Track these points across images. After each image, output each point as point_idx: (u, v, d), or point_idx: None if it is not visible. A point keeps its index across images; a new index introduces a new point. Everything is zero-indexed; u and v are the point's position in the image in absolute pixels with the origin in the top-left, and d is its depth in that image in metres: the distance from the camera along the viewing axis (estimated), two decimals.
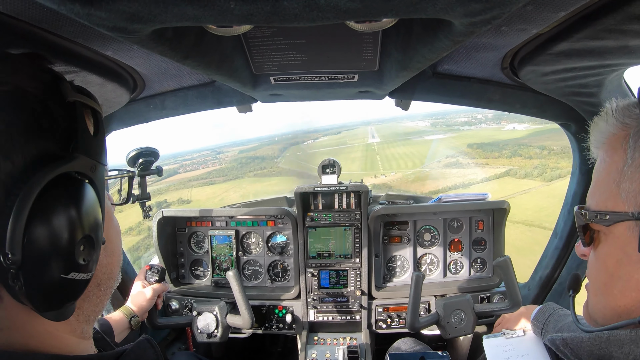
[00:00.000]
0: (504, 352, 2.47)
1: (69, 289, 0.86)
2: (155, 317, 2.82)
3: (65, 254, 0.83)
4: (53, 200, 0.80)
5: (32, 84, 0.83)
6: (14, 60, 0.86)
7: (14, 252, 0.74)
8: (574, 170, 2.76)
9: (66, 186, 0.84)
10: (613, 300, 1.10)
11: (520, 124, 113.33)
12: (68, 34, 1.31)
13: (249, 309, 2.82)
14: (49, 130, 0.83)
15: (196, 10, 0.87)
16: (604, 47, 1.43)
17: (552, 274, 3.12)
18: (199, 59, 1.43)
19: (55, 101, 0.87)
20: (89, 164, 0.91)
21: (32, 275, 0.77)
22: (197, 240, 3.55)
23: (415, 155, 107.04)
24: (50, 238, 0.79)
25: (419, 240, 3.44)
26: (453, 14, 0.93)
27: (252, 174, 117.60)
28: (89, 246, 0.88)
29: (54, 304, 0.85)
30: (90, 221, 0.88)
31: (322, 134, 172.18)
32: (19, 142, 0.77)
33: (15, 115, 0.78)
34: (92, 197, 0.90)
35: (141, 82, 2.10)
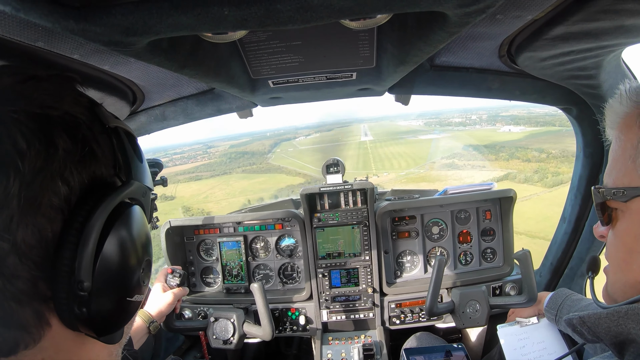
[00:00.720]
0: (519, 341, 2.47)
1: (128, 311, 0.90)
2: (172, 320, 2.82)
3: (131, 278, 0.87)
4: (117, 226, 0.82)
5: (78, 109, 0.84)
6: (56, 83, 0.85)
7: (85, 279, 0.75)
8: (577, 153, 2.75)
9: (126, 212, 0.86)
10: (632, 276, 1.10)
11: (515, 126, 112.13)
12: (65, 50, 1.31)
13: (270, 321, 2.80)
14: (100, 156, 0.85)
15: (190, 19, 0.87)
16: (600, 28, 1.43)
17: (563, 258, 3.12)
18: (196, 67, 1.43)
19: (99, 127, 0.88)
20: (141, 189, 0.95)
21: (100, 301, 0.79)
22: (206, 248, 3.56)
23: (409, 155, 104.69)
24: (119, 263, 0.82)
25: (428, 234, 3.44)
26: (447, 6, 0.93)
27: (241, 169, 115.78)
28: (147, 268, 0.93)
29: (113, 328, 0.87)
30: (146, 244, 0.92)
31: (315, 131, 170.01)
32: (76, 168, 0.78)
33: (70, 141, 0.77)
34: (145, 221, 0.94)
35: (140, 94, 2.11)
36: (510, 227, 3.31)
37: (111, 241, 0.80)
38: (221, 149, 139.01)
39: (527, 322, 2.52)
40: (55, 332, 0.78)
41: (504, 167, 77.91)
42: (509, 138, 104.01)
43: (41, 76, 0.83)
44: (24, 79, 0.80)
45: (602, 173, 2.56)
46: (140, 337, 2.44)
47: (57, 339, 0.79)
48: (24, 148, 0.70)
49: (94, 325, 0.80)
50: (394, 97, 2.58)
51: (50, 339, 0.78)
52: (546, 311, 2.41)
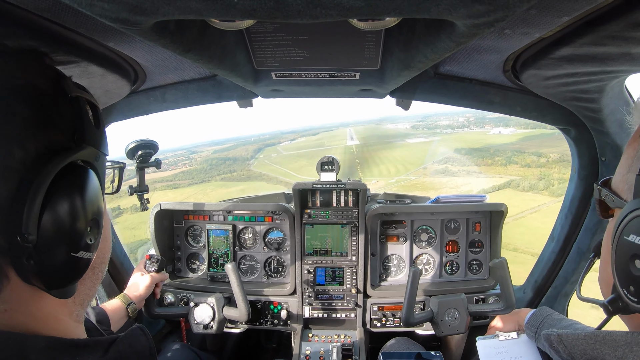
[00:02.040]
0: (497, 354, 2.47)
1: (76, 267, 0.93)
2: (153, 306, 2.84)
3: (76, 234, 0.90)
4: (65, 185, 0.87)
5: (41, 80, 0.90)
6: (23, 57, 0.92)
7: (31, 232, 0.80)
8: (572, 175, 2.76)
9: (75, 173, 0.91)
10: (606, 276, 1.15)
11: (505, 128, 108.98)
12: (70, 24, 1.31)
13: (246, 302, 2.82)
14: (57, 123, 0.90)
15: (199, 3, 0.87)
16: (606, 54, 1.43)
17: (548, 277, 3.13)
18: (200, 52, 1.42)
19: (61, 96, 0.94)
20: (94, 153, 1.00)
21: (45, 254, 0.84)
22: (194, 234, 3.55)
23: (399, 161, 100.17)
24: (63, 219, 0.87)
25: (416, 240, 3.45)
26: (456, 15, 0.93)
27: (220, 177, 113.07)
28: (95, 227, 0.97)
29: (62, 282, 0.91)
30: (96, 205, 0.96)
31: (300, 135, 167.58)
32: (32, 133, 0.83)
33: (28, 108, 0.83)
34: (97, 184, 0.98)
35: (142, 74, 2.10)
36: (499, 240, 3.32)
37: (57, 198, 0.85)
38: (204, 155, 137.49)
39: (506, 336, 2.52)
40: (13, 284, 0.83)
41: (502, 172, 74.22)
42: (502, 141, 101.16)
43: (9, 51, 0.92)
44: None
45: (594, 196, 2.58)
46: (119, 318, 2.46)
47: (17, 291, 0.84)
48: None
49: (42, 278, 0.84)
50: (395, 101, 2.58)
51: (10, 291, 0.83)
52: (526, 327, 2.42)
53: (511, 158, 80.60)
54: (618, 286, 1.02)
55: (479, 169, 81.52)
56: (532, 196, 53.59)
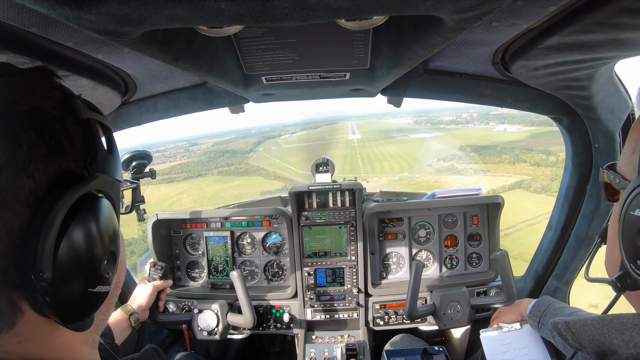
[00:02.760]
0: (501, 346, 2.48)
1: (93, 302, 0.91)
2: (156, 314, 2.84)
3: (93, 269, 0.87)
4: (79, 218, 0.82)
5: (48, 103, 0.84)
6: (29, 78, 0.86)
7: (45, 270, 0.76)
8: (566, 163, 2.77)
9: (89, 204, 0.86)
10: (613, 257, 1.17)
11: (511, 125, 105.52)
12: (58, 38, 1.30)
13: (251, 308, 2.83)
14: (68, 149, 0.85)
15: (186, 11, 0.87)
16: (594, 41, 1.43)
17: (548, 266, 3.14)
18: (190, 60, 1.42)
19: (71, 119, 0.88)
20: (108, 181, 0.95)
21: (61, 291, 0.80)
22: (193, 242, 3.54)
23: (401, 157, 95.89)
24: (79, 255, 0.83)
25: (414, 237, 3.45)
26: (443, 10, 0.93)
27: (217, 170, 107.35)
28: (112, 260, 0.93)
29: (79, 316, 0.88)
30: (112, 236, 0.92)
31: (301, 128, 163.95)
32: (41, 162, 0.79)
33: (36, 136, 0.78)
34: (112, 214, 0.94)
35: (132, 85, 2.10)
36: (497, 232, 3.33)
37: (72, 233, 0.81)
38: (204, 147, 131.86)
39: (509, 328, 2.53)
40: (28, 318, 0.81)
41: (511, 171, 69.39)
42: (508, 138, 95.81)
43: (15, 72, 0.84)
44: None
45: (590, 183, 2.58)
46: (122, 329, 2.45)
47: (31, 324, 0.82)
48: None
49: (58, 313, 0.82)
50: (387, 99, 2.58)
51: (24, 325, 0.81)
52: (529, 318, 2.43)
53: (519, 156, 76.85)
54: (626, 262, 1.03)
55: (486, 167, 77.98)
56: (546, 198, 47.82)
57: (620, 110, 2.16)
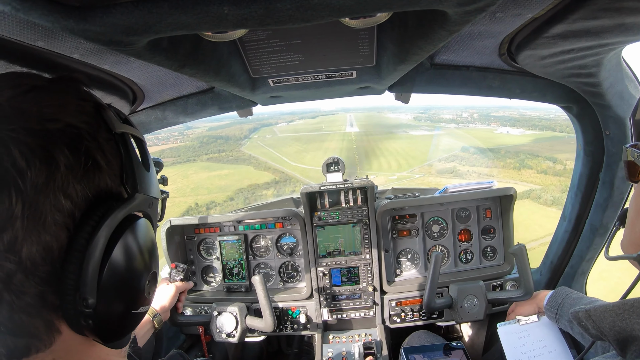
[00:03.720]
0: (519, 339, 2.47)
1: (135, 321, 0.91)
2: (176, 315, 2.85)
3: (136, 292, 0.87)
4: (122, 242, 0.82)
5: (81, 118, 0.82)
6: (58, 91, 0.83)
7: (89, 296, 0.76)
8: (578, 151, 2.75)
9: (131, 227, 0.85)
10: (634, 236, 1.19)
11: (513, 128, 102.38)
12: (64, 50, 1.31)
13: (272, 313, 2.84)
14: (105, 168, 0.84)
15: (190, 18, 0.87)
16: (600, 27, 1.42)
17: (563, 257, 3.12)
18: (196, 66, 1.43)
19: (104, 134, 0.87)
20: (147, 201, 0.94)
21: (105, 315, 0.80)
22: (207, 247, 3.56)
23: (400, 154, 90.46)
24: (124, 280, 0.83)
25: (428, 232, 3.44)
26: (447, 4, 0.93)
27: (206, 157, 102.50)
28: (153, 279, 0.93)
29: (119, 336, 0.89)
30: (153, 256, 0.93)
31: (298, 117, 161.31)
32: (79, 183, 0.77)
33: (72, 155, 0.76)
34: (152, 233, 0.94)
35: (140, 94, 2.11)
36: (511, 225, 3.31)
37: (115, 257, 0.80)
38: (198, 132, 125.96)
39: (527, 320, 2.52)
40: (65, 337, 0.80)
41: (517, 178, 64.73)
42: (511, 141, 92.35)
43: (42, 85, 0.81)
44: (25, 90, 0.78)
45: (602, 171, 2.56)
46: (145, 331, 2.47)
47: (68, 342, 0.81)
48: (24, 167, 0.69)
49: (100, 335, 0.81)
50: (394, 96, 2.58)
51: (60, 343, 0.80)
52: (546, 309, 2.41)
53: (524, 161, 72.56)
54: None
55: (490, 171, 74.79)
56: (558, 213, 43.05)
57: (630, 95, 2.14)
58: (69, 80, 0.88)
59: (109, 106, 0.93)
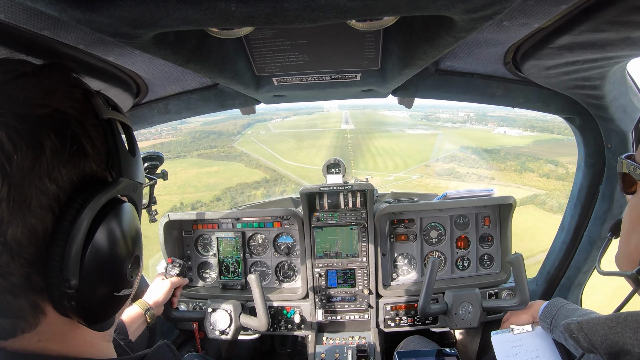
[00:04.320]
0: (512, 348, 2.47)
1: (118, 304, 0.93)
2: (170, 310, 2.86)
3: (118, 274, 0.88)
4: (104, 225, 0.83)
5: (69, 104, 0.83)
6: (46, 77, 0.85)
7: (72, 277, 0.78)
8: (579, 163, 2.75)
9: (114, 210, 0.87)
10: (629, 251, 1.17)
11: (511, 129, 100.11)
12: (70, 40, 1.31)
13: (266, 312, 2.84)
14: (91, 152, 0.85)
15: (197, 13, 0.87)
16: (606, 40, 1.42)
17: (560, 268, 3.12)
18: (201, 62, 1.43)
19: (92, 120, 0.88)
20: (132, 185, 0.96)
21: (87, 296, 0.82)
22: (204, 243, 3.56)
23: (397, 153, 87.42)
24: (105, 261, 0.84)
25: (426, 238, 3.44)
26: (454, 11, 0.93)
27: (197, 153, 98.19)
28: (136, 263, 0.95)
29: (102, 318, 0.90)
30: (136, 240, 0.94)
31: (294, 113, 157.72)
32: (65, 167, 0.79)
33: (58, 140, 0.78)
34: (136, 217, 0.95)
35: (144, 87, 2.11)
36: (509, 234, 3.31)
37: (98, 240, 0.82)
38: (192, 126, 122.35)
39: (521, 330, 2.52)
40: (50, 318, 0.82)
41: (519, 181, 61.95)
42: (510, 142, 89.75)
43: (32, 72, 0.83)
44: (15, 76, 0.80)
45: (602, 184, 2.56)
46: (138, 325, 2.47)
47: (53, 324, 0.83)
48: (11, 151, 0.71)
49: (83, 316, 0.83)
50: (398, 100, 2.58)
51: (46, 325, 0.82)
52: (541, 319, 2.41)
53: (525, 164, 69.91)
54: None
55: (490, 174, 70.96)
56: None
57: (633, 109, 2.14)
58: (59, 67, 0.90)
59: (97, 93, 0.94)
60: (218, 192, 67.09)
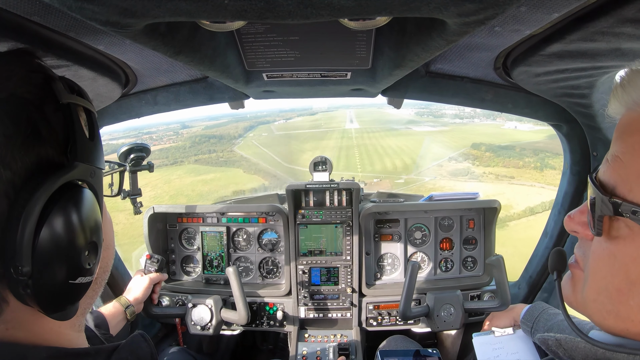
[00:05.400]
0: (493, 350, 2.48)
1: (75, 293, 0.90)
2: (150, 307, 2.86)
3: (73, 262, 0.86)
4: (57, 210, 0.81)
5: (26, 89, 0.82)
6: (6, 62, 0.84)
7: (24, 263, 0.76)
8: (564, 170, 2.78)
9: (68, 195, 0.85)
10: (625, 311, 0.89)
11: (521, 123, 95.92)
12: (60, 27, 1.30)
13: (245, 305, 2.84)
14: (47, 137, 0.83)
15: (190, 5, 0.86)
16: (596, 49, 1.44)
17: (542, 272, 3.15)
18: (191, 54, 1.42)
19: (50, 105, 0.86)
20: (88, 170, 0.93)
21: (41, 283, 0.80)
22: (188, 237, 3.54)
23: (405, 153, 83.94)
24: (58, 247, 0.82)
25: (410, 239, 3.45)
26: (447, 14, 0.93)
27: (195, 159, 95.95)
28: (93, 251, 0.92)
29: (60, 307, 0.88)
30: (93, 227, 0.91)
31: (297, 114, 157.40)
32: (18, 152, 0.77)
33: (12, 125, 0.77)
34: (93, 203, 0.92)
35: (133, 77, 2.09)
36: (493, 237, 3.33)
37: (50, 225, 0.80)
38: (194, 130, 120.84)
39: (502, 332, 2.53)
40: (13, 307, 0.82)
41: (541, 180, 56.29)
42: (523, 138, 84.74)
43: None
44: None
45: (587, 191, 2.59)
46: (118, 321, 2.47)
47: (17, 312, 0.83)
48: None
49: (40, 305, 0.82)
50: (387, 100, 2.59)
51: (10, 313, 0.82)
52: (522, 323, 2.43)
53: (545, 160, 64.42)
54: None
55: (508, 172, 64.80)
56: None
57: None
58: (20, 52, 0.90)
59: (61, 78, 0.92)
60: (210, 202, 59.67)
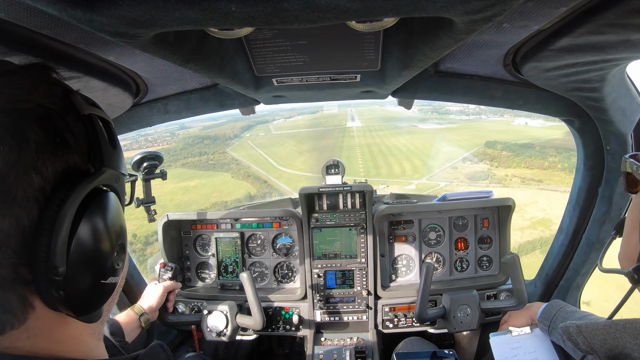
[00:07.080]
0: (510, 350, 2.46)
1: (104, 293, 0.95)
2: (165, 315, 2.87)
3: (105, 261, 0.90)
4: (90, 212, 0.85)
5: (51, 100, 0.85)
6: (29, 75, 0.87)
7: (60, 264, 0.79)
8: (578, 165, 2.75)
9: (98, 199, 0.89)
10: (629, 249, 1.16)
11: (533, 120, 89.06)
12: (70, 39, 1.32)
13: (260, 310, 2.84)
14: (73, 145, 0.87)
15: (197, 13, 0.87)
16: (606, 42, 1.42)
17: (559, 270, 3.12)
18: (200, 62, 1.43)
19: (73, 115, 0.90)
20: (114, 176, 0.97)
21: (75, 284, 0.83)
22: (203, 243, 3.56)
23: (413, 153, 76.42)
24: (92, 248, 0.86)
25: (425, 239, 3.44)
26: (454, 12, 0.93)
27: (182, 162, 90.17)
28: (121, 251, 0.97)
29: (91, 308, 0.91)
30: (120, 228, 0.96)
31: (297, 113, 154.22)
32: (49, 159, 0.80)
33: (42, 133, 0.79)
34: (119, 206, 0.98)
35: (144, 87, 2.11)
36: (508, 236, 3.31)
37: (83, 227, 0.83)
38: (191, 131, 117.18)
39: (519, 332, 2.51)
40: (39, 313, 0.83)
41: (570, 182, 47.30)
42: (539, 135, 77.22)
43: (14, 70, 0.85)
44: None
45: (601, 186, 2.56)
46: (132, 329, 2.48)
47: (41, 319, 0.84)
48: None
49: (71, 306, 0.84)
50: (397, 101, 2.58)
51: (34, 320, 0.83)
52: (539, 321, 2.41)
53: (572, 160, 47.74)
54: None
55: (533, 174, 58.00)
56: None
57: (632, 112, 2.14)
58: (40, 66, 0.92)
59: (76, 92, 0.96)
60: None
